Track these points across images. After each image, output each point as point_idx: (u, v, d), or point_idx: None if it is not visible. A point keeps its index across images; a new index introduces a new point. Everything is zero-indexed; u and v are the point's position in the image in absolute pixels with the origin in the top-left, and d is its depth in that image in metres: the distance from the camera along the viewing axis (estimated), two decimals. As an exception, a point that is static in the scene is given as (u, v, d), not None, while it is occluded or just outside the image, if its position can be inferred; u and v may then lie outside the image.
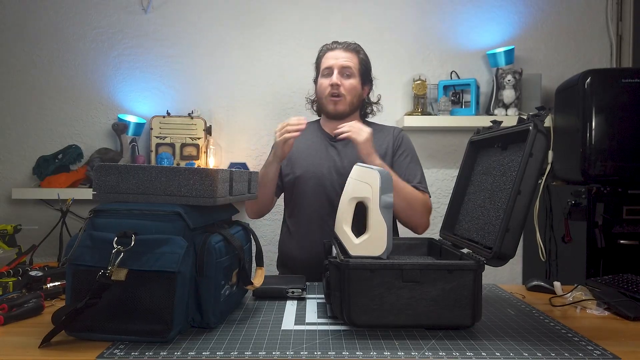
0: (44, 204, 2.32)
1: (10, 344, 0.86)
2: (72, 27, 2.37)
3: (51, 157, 2.28)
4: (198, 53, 2.38)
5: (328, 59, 1.60)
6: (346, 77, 1.58)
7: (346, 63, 1.58)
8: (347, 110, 1.61)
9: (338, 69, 1.57)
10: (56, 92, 2.38)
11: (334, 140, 1.63)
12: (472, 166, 1.24)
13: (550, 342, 0.87)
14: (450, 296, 0.91)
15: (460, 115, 2.25)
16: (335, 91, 1.57)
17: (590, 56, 2.37)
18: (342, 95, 1.58)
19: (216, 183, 0.91)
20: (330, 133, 1.64)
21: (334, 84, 1.56)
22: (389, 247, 0.97)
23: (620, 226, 1.80)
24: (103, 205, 0.91)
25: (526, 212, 0.90)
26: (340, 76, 1.57)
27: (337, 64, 1.58)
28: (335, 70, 1.57)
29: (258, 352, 0.82)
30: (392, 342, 0.87)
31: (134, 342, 0.85)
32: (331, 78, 1.57)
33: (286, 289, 1.15)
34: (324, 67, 1.60)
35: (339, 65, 1.57)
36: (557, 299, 1.15)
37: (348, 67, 1.58)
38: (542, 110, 0.94)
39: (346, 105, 1.59)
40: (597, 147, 1.85)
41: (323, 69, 1.61)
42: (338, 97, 1.58)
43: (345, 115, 1.62)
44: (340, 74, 1.57)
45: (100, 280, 0.82)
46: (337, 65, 1.57)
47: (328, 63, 1.59)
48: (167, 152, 2.23)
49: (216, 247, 0.92)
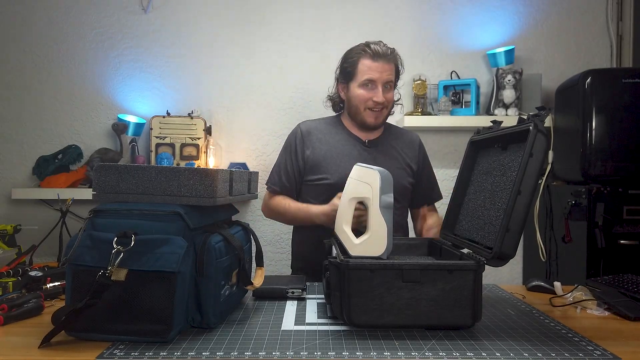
0: (44, 204, 2.32)
1: (10, 344, 0.86)
2: (72, 27, 2.37)
3: (51, 157, 2.27)
4: (198, 53, 2.38)
5: (371, 71, 1.52)
6: (387, 90, 1.55)
7: (390, 77, 1.54)
8: (384, 121, 1.62)
9: (382, 84, 1.52)
10: (56, 92, 2.38)
11: (367, 145, 1.60)
12: (472, 166, 1.24)
13: (550, 342, 0.87)
14: (451, 296, 0.91)
15: (461, 115, 2.24)
16: (380, 107, 1.54)
17: (591, 56, 2.37)
18: (385, 108, 1.56)
19: (216, 183, 0.91)
20: (362, 138, 1.61)
21: (380, 102, 1.53)
22: (389, 247, 0.97)
23: (620, 226, 1.80)
24: (103, 206, 0.91)
25: (526, 212, 0.90)
26: (383, 90, 1.53)
27: (381, 79, 1.52)
28: (379, 86, 1.52)
29: (258, 353, 0.81)
30: (392, 343, 0.86)
31: (134, 342, 0.85)
32: (376, 93, 1.52)
33: (286, 289, 1.15)
34: (366, 78, 1.52)
35: (384, 80, 1.52)
36: (557, 299, 1.15)
37: (391, 81, 1.55)
38: (543, 110, 0.94)
39: (385, 117, 1.59)
40: (598, 147, 1.84)
41: (364, 80, 1.52)
42: (380, 111, 1.55)
43: (381, 126, 1.62)
44: (383, 88, 1.53)
45: (100, 281, 0.82)
46: (382, 79, 1.52)
47: (371, 75, 1.52)
48: (167, 152, 2.23)
49: (216, 247, 0.92)
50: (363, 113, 1.56)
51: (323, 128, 1.64)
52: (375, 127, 1.59)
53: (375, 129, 1.61)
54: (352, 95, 1.57)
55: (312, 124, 1.66)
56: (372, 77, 1.52)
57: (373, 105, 1.54)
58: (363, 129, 1.61)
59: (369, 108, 1.54)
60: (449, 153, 2.39)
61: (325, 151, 1.57)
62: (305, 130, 1.63)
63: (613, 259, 1.79)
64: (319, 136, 1.61)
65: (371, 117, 1.55)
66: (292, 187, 1.61)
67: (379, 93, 1.52)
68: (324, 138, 1.60)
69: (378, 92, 1.52)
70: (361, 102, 1.55)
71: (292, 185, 1.61)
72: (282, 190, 1.61)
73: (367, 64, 1.53)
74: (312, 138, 1.61)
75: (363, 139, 1.61)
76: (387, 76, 1.53)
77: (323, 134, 1.62)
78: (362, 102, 1.55)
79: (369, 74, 1.52)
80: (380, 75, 1.52)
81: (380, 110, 1.55)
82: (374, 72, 1.52)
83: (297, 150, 1.61)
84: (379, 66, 1.52)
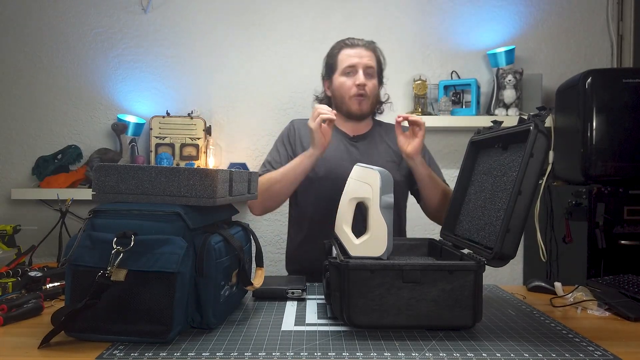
0: (44, 204, 2.32)
1: (10, 344, 0.86)
2: (72, 27, 2.37)
3: (50, 158, 2.27)
4: (198, 53, 2.38)
5: (351, 57, 1.55)
6: (369, 77, 1.55)
7: (370, 62, 1.55)
8: (369, 111, 1.60)
9: (363, 68, 1.53)
10: (55, 92, 2.38)
11: (354, 140, 1.60)
12: (473, 166, 1.24)
13: (551, 343, 0.87)
14: (451, 297, 0.91)
15: (461, 116, 2.24)
16: (362, 91, 1.54)
17: (591, 56, 2.37)
18: (367, 95, 1.55)
19: (216, 183, 0.91)
20: (348, 133, 1.61)
21: (361, 84, 1.53)
22: (389, 248, 0.96)
23: (621, 226, 1.80)
24: (102, 206, 0.91)
25: (527, 213, 0.90)
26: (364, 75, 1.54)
27: (361, 63, 1.53)
28: (360, 70, 1.53)
29: (258, 353, 0.81)
30: (393, 343, 0.86)
31: (134, 342, 0.85)
32: (357, 77, 1.53)
33: (286, 290, 1.15)
34: (346, 65, 1.54)
35: (364, 65, 1.54)
36: (557, 300, 1.15)
37: (371, 66, 1.55)
38: (543, 111, 0.94)
39: (369, 105, 1.58)
40: (598, 147, 1.84)
41: (345, 67, 1.55)
42: (363, 97, 1.55)
43: (366, 115, 1.61)
44: (364, 73, 1.54)
45: (100, 281, 0.81)
46: (361, 64, 1.53)
47: (351, 61, 1.54)
48: (167, 153, 2.22)
49: (216, 247, 0.92)
50: (348, 102, 1.57)
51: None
52: (361, 115, 1.59)
53: (362, 119, 1.61)
54: (335, 86, 1.59)
55: (304, 122, 1.66)
56: (352, 63, 1.54)
57: (355, 91, 1.54)
58: (350, 119, 1.61)
59: (353, 95, 1.55)
60: (449, 153, 2.39)
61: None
62: (297, 127, 1.66)
63: (614, 260, 1.79)
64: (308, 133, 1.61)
65: (355, 104, 1.56)
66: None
67: (359, 76, 1.53)
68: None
69: (359, 76, 1.53)
70: (345, 90, 1.56)
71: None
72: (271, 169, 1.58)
73: (346, 53, 1.56)
74: (302, 134, 1.63)
75: (350, 134, 1.62)
76: (367, 61, 1.55)
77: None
78: (345, 90, 1.56)
79: (348, 60, 1.55)
80: (360, 60, 1.54)
81: (364, 96, 1.55)
82: (353, 57, 1.55)
83: (290, 140, 1.64)
84: (358, 52, 1.55)
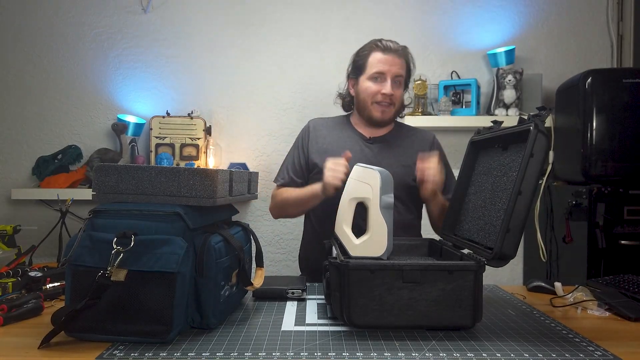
0: (44, 204, 2.31)
1: (10, 344, 0.86)
2: (72, 27, 2.37)
3: (50, 158, 2.27)
4: (198, 53, 2.38)
5: (381, 63, 1.51)
6: (397, 85, 1.54)
7: (400, 71, 1.53)
8: (391, 119, 1.59)
9: (392, 77, 1.51)
10: (55, 92, 2.38)
11: (369, 141, 1.59)
12: (473, 166, 1.24)
13: (551, 343, 0.87)
14: (451, 297, 0.91)
15: (461, 116, 2.24)
16: (388, 101, 1.53)
17: (591, 56, 2.37)
18: (392, 104, 1.54)
19: (216, 183, 0.91)
20: (365, 135, 1.60)
21: (387, 94, 1.51)
22: (389, 248, 0.97)
23: (621, 226, 1.80)
24: (102, 206, 0.91)
25: (527, 213, 0.90)
26: (393, 84, 1.52)
27: (391, 71, 1.51)
28: (389, 78, 1.51)
29: (258, 353, 0.81)
30: (393, 343, 0.86)
31: (134, 342, 0.85)
32: (384, 86, 1.51)
33: (286, 290, 1.15)
34: (376, 70, 1.52)
35: (393, 73, 1.51)
36: (557, 300, 1.15)
37: (401, 75, 1.54)
38: (543, 111, 0.94)
39: (392, 114, 1.57)
40: (598, 147, 1.84)
41: (374, 72, 1.52)
42: (388, 105, 1.54)
43: (387, 123, 1.60)
44: (392, 81, 1.52)
45: (100, 281, 0.81)
46: (391, 72, 1.51)
47: (381, 68, 1.51)
48: (167, 153, 2.22)
49: (216, 247, 0.92)
50: (370, 107, 1.55)
51: (330, 125, 1.65)
52: (382, 122, 1.58)
53: (382, 126, 1.60)
54: (360, 89, 1.57)
55: (320, 121, 1.68)
56: (382, 70, 1.51)
57: (381, 99, 1.53)
58: (370, 125, 1.60)
59: (377, 102, 1.53)
60: (450, 153, 2.35)
61: (326, 146, 1.58)
62: (313, 127, 1.65)
63: (614, 260, 1.78)
64: (324, 132, 1.62)
65: (378, 112, 1.54)
66: (299, 181, 1.61)
67: (387, 85, 1.51)
68: (329, 134, 1.61)
69: (387, 85, 1.51)
70: (369, 95, 1.54)
71: (299, 179, 1.61)
72: (289, 182, 1.61)
73: (377, 57, 1.53)
74: (318, 134, 1.62)
75: (367, 135, 1.60)
76: (397, 70, 1.52)
77: (329, 130, 1.62)
78: (370, 95, 1.54)
79: (378, 66, 1.52)
80: (390, 68, 1.51)
81: (388, 105, 1.54)
82: (383, 64, 1.51)
83: (304, 144, 1.63)
84: (389, 59, 1.51)
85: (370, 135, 1.60)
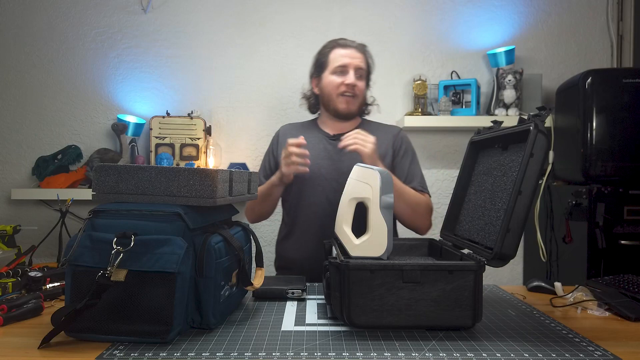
0: (44, 204, 2.32)
1: (10, 344, 0.86)
2: (72, 27, 2.37)
3: (50, 158, 2.27)
4: (197, 53, 2.38)
5: (343, 57, 1.58)
6: (359, 78, 1.59)
7: (361, 64, 1.58)
8: (356, 111, 1.61)
9: (354, 69, 1.57)
10: (55, 93, 2.38)
11: (332, 139, 1.62)
12: (473, 166, 1.24)
13: (551, 343, 0.87)
14: (451, 297, 0.91)
15: (461, 116, 2.24)
16: (351, 92, 1.57)
17: (591, 56, 2.37)
18: (356, 95, 1.58)
19: (216, 183, 0.91)
20: (329, 132, 1.64)
21: (351, 84, 1.56)
22: (389, 248, 0.96)
23: (621, 226, 1.80)
24: (102, 206, 0.91)
25: (527, 213, 0.89)
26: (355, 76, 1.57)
27: (353, 64, 1.56)
28: (351, 70, 1.56)
29: (258, 353, 0.81)
30: (393, 343, 0.86)
31: (134, 342, 0.85)
32: (347, 77, 1.56)
33: (286, 290, 1.15)
34: (338, 64, 1.57)
35: (355, 65, 1.57)
36: (557, 300, 1.15)
37: (362, 68, 1.59)
38: (543, 111, 0.94)
39: (356, 106, 1.60)
40: (598, 147, 1.84)
41: (336, 66, 1.57)
42: (351, 96, 1.57)
43: (352, 116, 1.62)
44: (355, 74, 1.57)
45: (100, 281, 0.81)
46: (353, 64, 1.56)
47: (343, 61, 1.57)
48: (167, 153, 2.22)
49: (216, 247, 0.92)
50: (335, 100, 1.59)
51: (299, 129, 1.69)
52: (348, 115, 1.60)
53: (348, 119, 1.62)
54: (324, 83, 1.62)
55: (289, 127, 1.74)
56: (344, 62, 1.57)
57: (345, 89, 1.56)
58: (336, 119, 1.63)
59: (341, 94, 1.57)
60: (450, 153, 2.39)
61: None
62: (282, 132, 1.71)
63: (614, 260, 1.79)
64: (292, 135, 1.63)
65: (343, 103, 1.58)
66: None
67: (350, 76, 1.56)
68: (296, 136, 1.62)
69: (349, 76, 1.56)
70: (334, 88, 1.58)
71: None
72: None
73: (339, 52, 1.59)
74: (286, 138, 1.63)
75: (331, 132, 1.63)
76: (358, 63, 1.58)
77: (297, 132, 1.64)
78: (334, 87, 1.58)
79: (340, 60, 1.58)
80: (351, 61, 1.57)
81: (352, 96, 1.57)
82: (345, 57, 1.58)
83: (273, 150, 1.69)
84: (350, 53, 1.58)
85: (334, 132, 1.63)
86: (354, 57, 1.58)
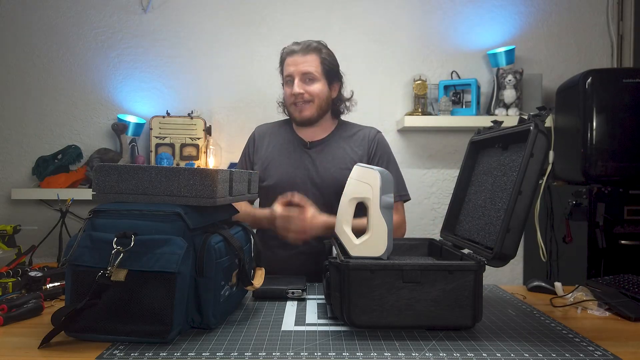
0: (44, 204, 2.32)
1: (10, 344, 0.86)
2: (72, 27, 2.37)
3: (50, 158, 2.27)
4: (198, 53, 2.38)
5: (288, 66, 1.55)
6: (309, 82, 1.53)
7: (306, 69, 1.52)
8: (314, 115, 1.56)
9: (299, 76, 1.52)
10: (55, 92, 2.38)
11: (308, 147, 1.59)
12: (473, 166, 1.24)
13: (551, 343, 0.87)
14: (451, 297, 0.91)
15: (461, 115, 2.24)
16: (299, 100, 1.54)
17: (591, 56, 2.37)
18: (309, 101, 1.54)
19: (216, 183, 0.91)
20: (304, 139, 1.60)
21: (296, 94, 1.53)
22: (389, 248, 0.97)
23: (621, 226, 1.80)
24: (102, 206, 0.91)
25: (527, 213, 0.90)
26: (303, 83, 1.52)
27: (297, 71, 1.52)
28: (296, 78, 1.52)
29: (258, 353, 0.81)
30: (393, 343, 0.86)
31: (134, 342, 0.85)
32: (293, 87, 1.53)
33: (286, 290, 1.15)
34: (286, 74, 1.56)
35: (299, 72, 1.52)
36: (558, 300, 1.15)
37: (308, 72, 1.52)
38: (543, 110, 0.94)
39: (313, 110, 1.55)
40: (598, 147, 1.84)
41: (285, 76, 1.56)
42: (304, 103, 1.54)
43: (314, 120, 1.57)
44: (302, 80, 1.52)
45: (100, 281, 0.81)
46: (297, 72, 1.52)
47: (288, 70, 1.55)
48: (167, 153, 2.22)
49: (216, 247, 0.92)
50: (290, 110, 1.58)
51: (275, 131, 1.66)
52: (306, 121, 1.57)
53: (310, 124, 1.59)
54: (283, 95, 1.62)
55: (264, 128, 1.70)
56: (289, 72, 1.55)
57: (293, 100, 1.55)
58: (302, 126, 1.60)
59: (293, 103, 1.56)
60: (450, 153, 2.39)
61: (269, 154, 1.60)
62: (258, 135, 1.67)
63: (614, 260, 1.79)
64: (268, 139, 1.64)
65: (296, 112, 1.56)
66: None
67: (294, 86, 1.53)
68: (272, 141, 1.62)
69: (294, 85, 1.53)
70: (287, 99, 1.58)
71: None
72: None
73: (287, 62, 1.57)
74: (263, 142, 1.64)
75: (307, 140, 1.60)
76: (303, 68, 1.52)
77: (274, 136, 1.63)
78: (287, 98, 1.58)
79: (287, 70, 1.56)
80: (295, 69, 1.53)
81: (304, 103, 1.54)
82: (289, 66, 1.55)
83: (249, 153, 1.66)
84: (293, 60, 1.54)
85: (310, 140, 1.60)
86: (298, 63, 1.52)
